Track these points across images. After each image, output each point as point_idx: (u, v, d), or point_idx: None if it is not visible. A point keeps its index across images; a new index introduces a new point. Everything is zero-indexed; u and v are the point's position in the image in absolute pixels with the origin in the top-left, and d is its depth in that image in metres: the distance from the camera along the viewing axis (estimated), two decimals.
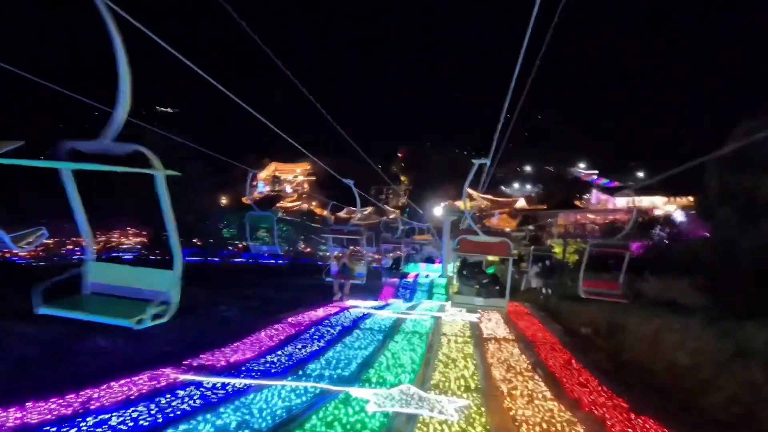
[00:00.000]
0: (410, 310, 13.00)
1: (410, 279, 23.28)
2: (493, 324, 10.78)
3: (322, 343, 8.11)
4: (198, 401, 4.74)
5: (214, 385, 5.32)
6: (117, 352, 6.66)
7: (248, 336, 8.24)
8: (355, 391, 5.21)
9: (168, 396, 4.80)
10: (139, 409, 4.42)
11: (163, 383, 5.25)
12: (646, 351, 7.91)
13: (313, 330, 9.18)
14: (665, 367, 7.16)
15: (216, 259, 35.95)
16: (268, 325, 9.26)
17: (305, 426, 4.12)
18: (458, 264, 8.57)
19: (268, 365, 6.40)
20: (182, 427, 4.04)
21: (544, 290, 15.21)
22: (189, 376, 5.58)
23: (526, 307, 14.59)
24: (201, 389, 5.13)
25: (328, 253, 9.58)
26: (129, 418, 4.21)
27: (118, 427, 4.02)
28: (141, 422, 4.16)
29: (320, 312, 11.53)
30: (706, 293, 10.61)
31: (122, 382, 5.13)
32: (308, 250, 46.51)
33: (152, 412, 4.38)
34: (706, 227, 27.44)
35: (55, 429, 3.89)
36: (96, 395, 4.73)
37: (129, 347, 6.95)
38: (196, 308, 11.48)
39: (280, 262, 36.86)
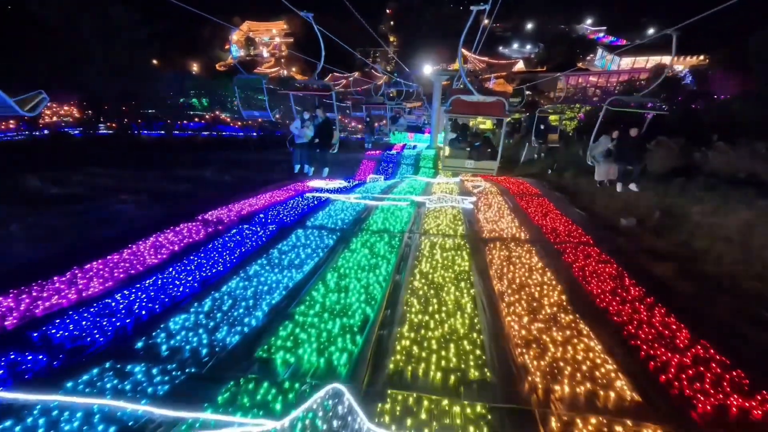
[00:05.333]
0: (387, 191, 10.00)
1: (394, 151, 20.17)
2: (495, 212, 7.87)
3: (235, 256, 5.18)
4: None
5: None
6: None
7: (122, 249, 5.24)
8: None
9: None
10: None
11: None
12: (739, 259, 5.07)
13: (234, 232, 6.20)
14: None
15: (181, 133, 31.73)
16: (170, 227, 6.25)
17: None
18: (450, 127, 7.96)
19: (100, 319, 3.46)
20: None
21: (618, 186, 8.66)
22: None
23: (532, 184, 11.62)
24: None
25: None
26: None
27: None
28: None
29: (262, 200, 8.47)
30: None
31: None
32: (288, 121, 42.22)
33: None
34: (741, 82, 23.66)
35: None
36: None
37: None
38: (83, 198, 8.31)
39: (253, 134, 32.92)
